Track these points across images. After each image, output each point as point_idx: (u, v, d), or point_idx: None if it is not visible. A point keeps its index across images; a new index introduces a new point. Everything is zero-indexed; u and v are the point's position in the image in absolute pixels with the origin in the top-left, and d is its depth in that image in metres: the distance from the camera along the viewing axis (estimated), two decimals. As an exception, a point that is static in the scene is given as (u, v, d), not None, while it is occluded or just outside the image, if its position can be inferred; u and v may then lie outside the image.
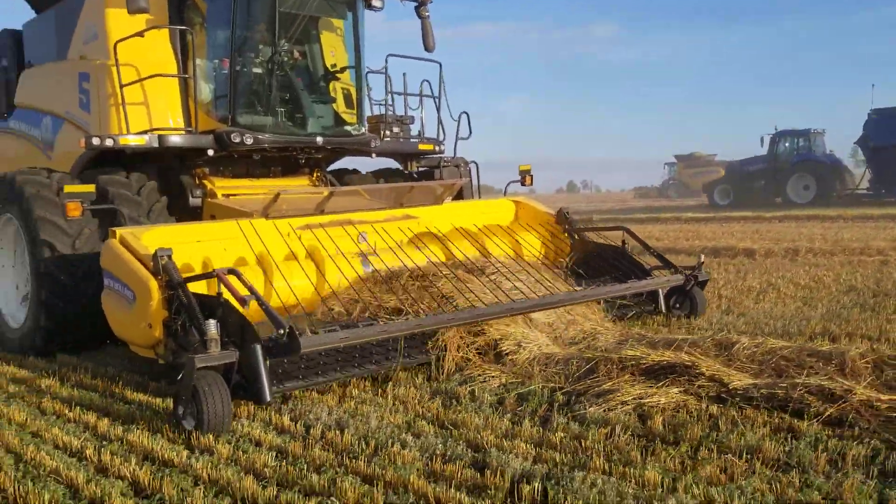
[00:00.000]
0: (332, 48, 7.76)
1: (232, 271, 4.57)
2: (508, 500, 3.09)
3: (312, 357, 4.78)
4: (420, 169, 8.88)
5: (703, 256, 7.01)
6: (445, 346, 5.16)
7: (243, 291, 4.41)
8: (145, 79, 6.53)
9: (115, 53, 6.40)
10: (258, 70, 6.98)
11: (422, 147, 8.55)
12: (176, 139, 6.64)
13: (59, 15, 7.54)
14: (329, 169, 8.56)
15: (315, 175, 8.06)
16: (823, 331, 5.99)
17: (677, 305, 6.77)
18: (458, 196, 8.44)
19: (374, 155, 8.03)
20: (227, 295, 4.42)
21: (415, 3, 7.89)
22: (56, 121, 7.31)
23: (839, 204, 24.46)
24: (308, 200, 6.45)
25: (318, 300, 5.31)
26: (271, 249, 5.55)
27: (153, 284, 4.66)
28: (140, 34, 6.40)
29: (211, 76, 7.00)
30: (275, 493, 3.23)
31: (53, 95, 7.37)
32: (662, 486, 3.15)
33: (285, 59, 7.12)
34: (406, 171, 8.84)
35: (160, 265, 4.64)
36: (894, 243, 12.11)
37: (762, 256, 11.57)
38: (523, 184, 8.65)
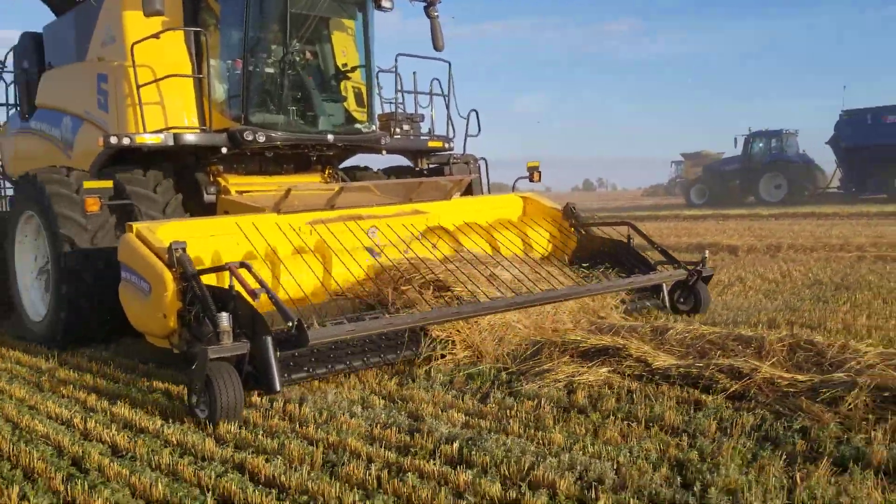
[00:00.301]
0: (343, 48, 7.91)
1: (243, 265, 4.73)
2: (430, 457, 3.48)
3: (321, 349, 4.94)
4: (430, 165, 9.01)
5: (707, 252, 7.11)
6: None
7: (254, 285, 4.57)
8: (161, 79, 6.71)
9: (132, 55, 6.59)
10: (270, 70, 7.14)
11: (431, 144, 8.69)
12: (191, 137, 6.82)
13: (77, 18, 7.75)
14: (341, 166, 8.72)
15: (327, 172, 8.22)
16: (770, 320, 6.22)
17: (682, 300, 6.85)
18: (468, 192, 8.58)
19: (384, 152, 8.18)
20: (238, 288, 4.59)
21: (424, 4, 8.01)
22: (75, 121, 7.52)
23: (811, 202, 24.95)
24: (319, 196, 6.62)
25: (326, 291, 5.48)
26: (282, 244, 5.72)
27: (168, 276, 4.84)
28: (156, 36, 6.58)
29: (224, 76, 7.18)
30: (231, 452, 3.68)
31: (73, 96, 7.58)
32: (563, 446, 3.54)
33: (297, 58, 7.27)
34: (416, 168, 8.97)
35: (175, 258, 4.82)
36: (874, 240, 12.32)
37: (744, 252, 11.79)
38: (531, 180, 8.77)
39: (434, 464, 3.35)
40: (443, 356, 5.25)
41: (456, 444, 3.54)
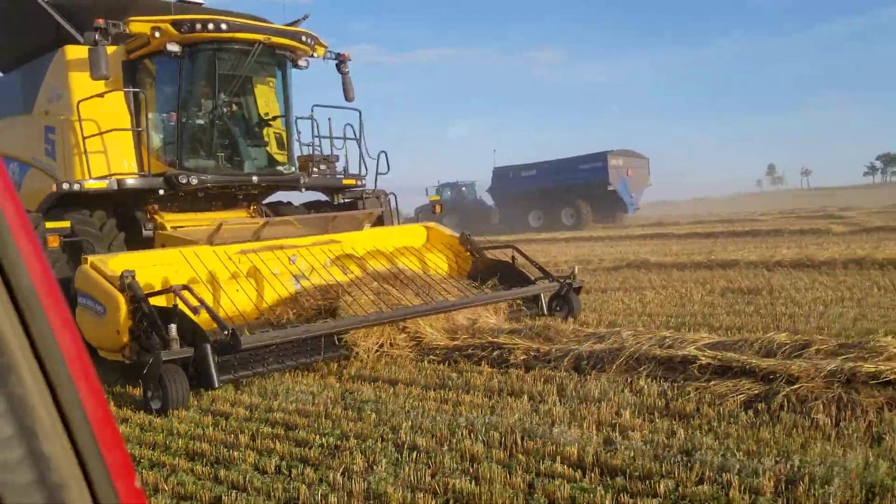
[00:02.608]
0: (266, 99, 9.04)
1: (185, 287, 5.80)
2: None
3: (257, 353, 6.01)
4: (345, 200, 10.16)
5: (576, 268, 8.51)
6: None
7: (195, 303, 5.64)
8: (105, 132, 7.69)
9: (78, 111, 7.56)
10: (201, 121, 8.22)
11: (346, 182, 9.85)
12: (132, 182, 7.81)
13: (24, 75, 8.66)
14: (265, 202, 9.79)
15: (252, 208, 9.29)
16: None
17: (558, 308, 8.20)
18: (380, 222, 9.80)
19: (303, 190, 9.31)
20: (182, 306, 5.64)
21: (336, 62, 9.25)
22: (23, 166, 8.41)
23: (480, 234, 32.13)
24: (246, 230, 7.69)
25: (259, 310, 6.57)
26: (217, 270, 6.78)
27: (121, 299, 5.84)
28: (100, 95, 7.58)
29: (160, 127, 8.22)
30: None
31: (21, 144, 8.47)
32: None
33: (224, 110, 8.37)
34: (333, 203, 10.11)
35: (126, 283, 5.84)
36: (575, 258, 15.26)
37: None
38: (434, 212, 10.05)
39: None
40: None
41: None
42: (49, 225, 7.07)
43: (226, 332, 5.47)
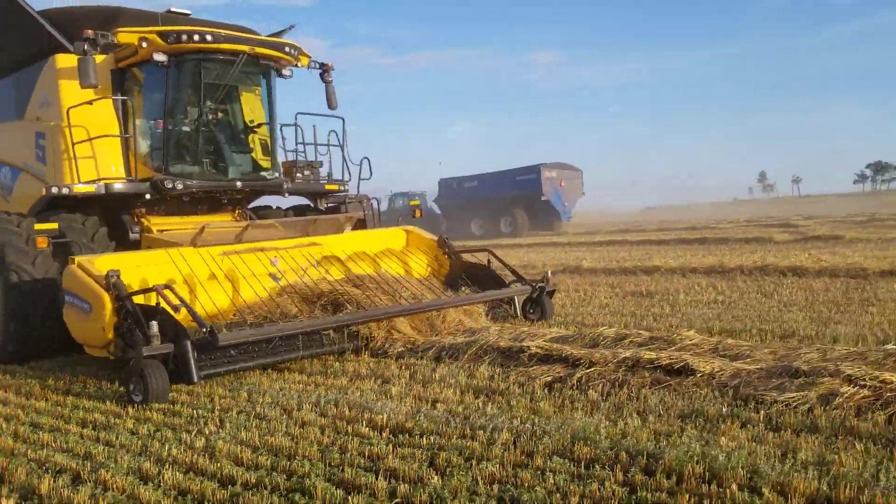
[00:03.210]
0: (251, 107, 9.32)
1: (167, 286, 6.08)
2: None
3: (233, 350, 6.29)
4: (328, 205, 10.45)
5: (549, 272, 8.81)
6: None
7: (176, 301, 5.92)
8: (94, 139, 7.97)
9: (68, 117, 7.85)
10: (187, 128, 8.50)
11: (328, 187, 10.14)
12: (119, 186, 8.09)
13: (17, 82, 8.95)
14: (251, 206, 10.07)
15: (237, 212, 9.57)
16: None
17: (531, 311, 8.49)
18: (361, 226, 10.11)
19: (286, 195, 9.59)
20: (163, 304, 5.93)
21: (320, 71, 9.56)
22: (14, 171, 8.69)
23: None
24: (229, 232, 7.98)
25: (236, 308, 6.85)
26: (199, 270, 7.06)
27: (106, 297, 6.13)
28: (89, 103, 7.87)
29: (147, 134, 8.50)
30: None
31: (13, 149, 8.75)
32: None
33: (210, 118, 8.65)
34: (316, 207, 10.40)
35: (111, 283, 6.12)
36: (521, 263, 15.66)
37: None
38: (414, 216, 10.35)
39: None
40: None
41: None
42: (38, 226, 7.36)
43: (204, 330, 5.76)
